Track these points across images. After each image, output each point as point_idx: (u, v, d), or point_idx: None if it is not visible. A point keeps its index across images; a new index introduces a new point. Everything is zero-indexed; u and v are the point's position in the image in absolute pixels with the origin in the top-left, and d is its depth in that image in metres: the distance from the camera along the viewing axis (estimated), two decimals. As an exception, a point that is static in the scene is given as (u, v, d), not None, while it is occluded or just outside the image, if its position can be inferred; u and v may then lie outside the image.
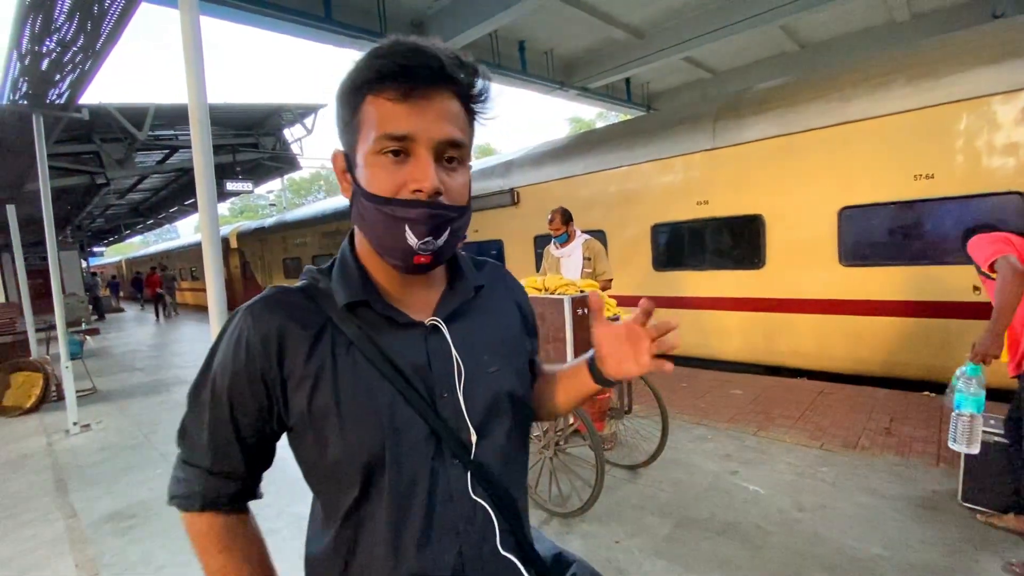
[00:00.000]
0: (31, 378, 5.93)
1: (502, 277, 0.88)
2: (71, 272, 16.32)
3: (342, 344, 0.69)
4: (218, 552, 0.73)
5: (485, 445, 0.73)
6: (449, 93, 0.63)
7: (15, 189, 8.42)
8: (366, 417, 0.66)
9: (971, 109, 3.79)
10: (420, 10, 7.33)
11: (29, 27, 3.38)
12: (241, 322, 0.69)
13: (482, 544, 0.71)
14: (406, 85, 0.60)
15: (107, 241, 29.55)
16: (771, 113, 4.81)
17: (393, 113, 0.61)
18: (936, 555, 2.26)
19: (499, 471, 0.74)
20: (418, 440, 0.68)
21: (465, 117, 0.66)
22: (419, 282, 0.74)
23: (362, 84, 0.63)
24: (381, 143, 0.62)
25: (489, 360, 0.75)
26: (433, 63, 0.61)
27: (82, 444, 4.62)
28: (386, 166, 0.62)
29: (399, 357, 0.69)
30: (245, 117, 10.17)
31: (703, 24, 8.01)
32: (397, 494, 0.67)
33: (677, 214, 5.52)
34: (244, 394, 0.68)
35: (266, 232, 15.01)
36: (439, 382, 0.71)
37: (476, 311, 0.78)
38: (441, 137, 0.62)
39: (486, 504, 0.72)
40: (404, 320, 0.71)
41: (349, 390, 0.67)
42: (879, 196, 4.25)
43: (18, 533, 3.07)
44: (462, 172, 0.67)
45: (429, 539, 0.68)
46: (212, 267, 1.91)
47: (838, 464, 3.15)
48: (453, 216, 0.65)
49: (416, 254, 0.65)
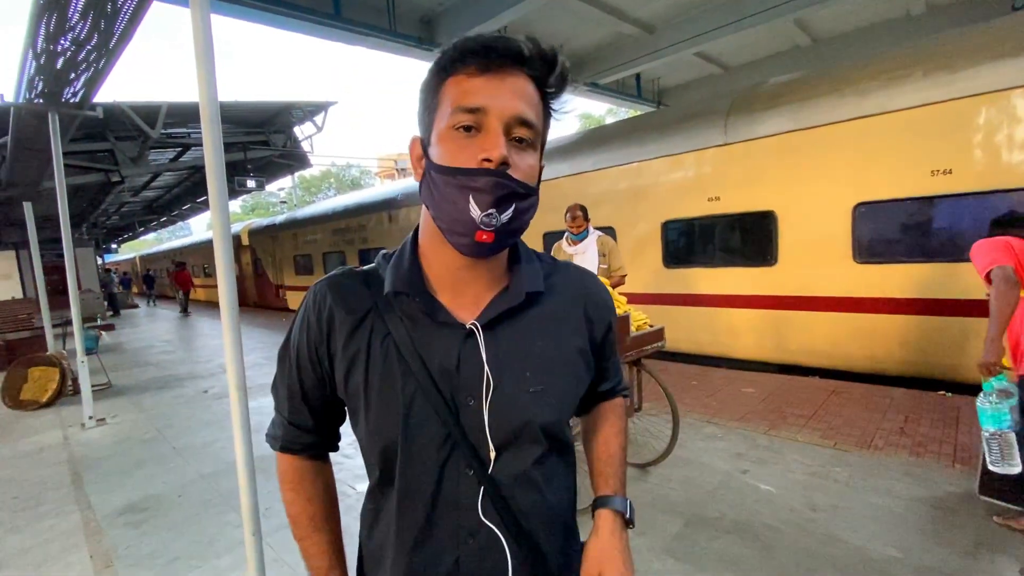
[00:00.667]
0: (48, 373, 6.03)
1: (577, 284, 0.79)
2: (87, 269, 16.56)
3: (380, 331, 0.71)
4: (289, 489, 0.81)
5: (505, 467, 0.69)
6: (526, 76, 0.64)
7: (32, 187, 8.54)
8: (387, 407, 0.69)
9: (990, 103, 3.71)
10: (430, 7, 7.31)
11: (44, 26, 3.42)
12: (307, 299, 0.76)
13: (482, 563, 0.69)
14: (484, 60, 0.62)
15: (121, 238, 29.96)
16: (784, 108, 4.75)
17: (470, 87, 0.62)
18: (952, 557, 2.22)
19: (520, 499, 0.70)
20: (431, 441, 0.68)
21: (540, 103, 0.66)
22: (476, 278, 0.71)
23: (446, 65, 0.64)
24: (456, 117, 0.62)
25: (532, 378, 0.70)
26: (512, 45, 0.62)
27: (97, 438, 4.69)
28: (457, 139, 0.63)
29: (430, 355, 0.69)
30: (256, 115, 10.23)
31: (714, 18, 7.91)
32: (405, 488, 0.70)
33: (688, 211, 5.47)
34: (305, 364, 0.75)
35: (277, 229, 15.13)
36: (465, 389, 0.69)
37: (530, 320, 0.72)
38: (513, 112, 0.62)
39: (495, 528, 0.69)
40: (443, 318, 0.70)
41: (377, 377, 0.69)
42: (895, 192, 4.18)
43: (35, 525, 3.12)
44: (531, 154, 0.65)
45: (428, 540, 0.70)
46: (223, 264, 1.92)
47: (852, 464, 3.11)
48: (519, 191, 0.63)
49: (479, 229, 0.63)
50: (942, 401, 3.98)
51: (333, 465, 0.88)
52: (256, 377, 6.46)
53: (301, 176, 38.17)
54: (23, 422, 5.38)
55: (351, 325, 0.72)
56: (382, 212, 10.47)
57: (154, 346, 10.09)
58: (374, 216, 10.72)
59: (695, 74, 11.56)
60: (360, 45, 7.25)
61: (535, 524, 0.72)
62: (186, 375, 7.14)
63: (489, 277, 0.72)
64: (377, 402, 0.69)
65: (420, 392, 0.68)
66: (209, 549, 2.70)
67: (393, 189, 10.96)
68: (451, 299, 0.72)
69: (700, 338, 5.54)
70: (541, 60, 0.64)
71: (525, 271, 0.74)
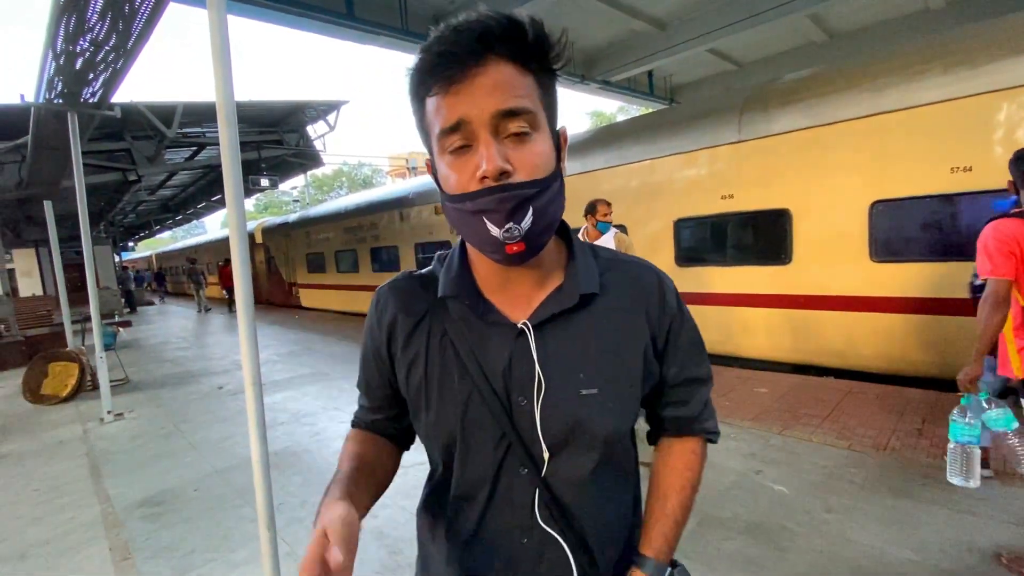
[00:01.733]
0: (67, 368, 6.16)
1: (636, 283, 0.74)
2: (104, 266, 16.86)
3: (437, 332, 0.72)
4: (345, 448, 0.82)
5: (559, 470, 0.69)
6: (499, 60, 0.57)
7: (52, 186, 8.72)
8: (446, 405, 0.70)
9: (1012, 99, 3.63)
10: (442, 5, 7.32)
11: (63, 27, 3.48)
12: (372, 304, 0.80)
13: (538, 565, 0.70)
14: (446, 73, 0.57)
15: (138, 236, 30.45)
16: (799, 104, 4.69)
17: (444, 104, 0.58)
18: (971, 561, 2.19)
19: (575, 507, 0.70)
20: (487, 440, 0.69)
21: (528, 79, 0.60)
22: (525, 277, 0.70)
23: (415, 90, 0.61)
24: (443, 142, 0.60)
25: (586, 379, 0.68)
26: (469, 37, 0.56)
27: (115, 432, 4.78)
28: (453, 164, 0.60)
29: (484, 355, 0.69)
30: (269, 114, 10.35)
31: (728, 15, 7.82)
32: (462, 483, 0.71)
33: (701, 209, 5.42)
34: (371, 363, 0.80)
35: (290, 227, 15.26)
36: (517, 388, 0.68)
37: (585, 321, 0.70)
38: (493, 109, 0.57)
39: (550, 531, 0.69)
40: (493, 318, 0.70)
41: (436, 377, 0.71)
42: (914, 190, 4.10)
43: (56, 517, 3.19)
44: (535, 140, 0.60)
45: (483, 536, 0.72)
46: (239, 262, 1.94)
47: (867, 465, 3.07)
48: (528, 193, 0.59)
49: (505, 244, 0.60)
50: (961, 402, 3.91)
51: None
52: (270, 374, 6.54)
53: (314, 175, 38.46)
54: (44, 416, 5.50)
55: (410, 327, 0.74)
56: (394, 210, 10.52)
57: (170, 342, 10.25)
58: (386, 214, 10.78)
59: (708, 71, 11.44)
60: (372, 44, 7.28)
61: (591, 535, 0.71)
62: (201, 371, 7.24)
63: (539, 274, 0.71)
64: (437, 400, 0.71)
65: (476, 391, 0.68)
66: (224, 543, 2.74)
67: (404, 187, 11.01)
68: (502, 299, 0.71)
69: (713, 337, 5.49)
70: (507, 36, 0.58)
71: (580, 270, 0.71)
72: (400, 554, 2.51)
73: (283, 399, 5.42)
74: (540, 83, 0.61)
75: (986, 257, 2.11)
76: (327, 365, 6.98)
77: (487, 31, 0.56)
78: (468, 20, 0.57)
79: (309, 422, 4.67)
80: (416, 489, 0.86)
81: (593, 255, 0.76)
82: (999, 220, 2.12)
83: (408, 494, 3.08)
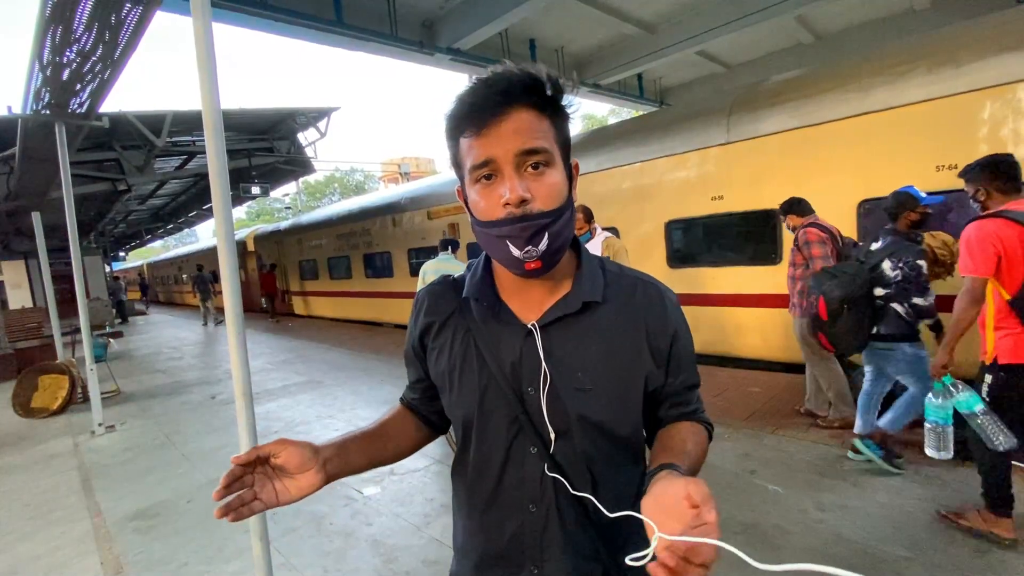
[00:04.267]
0: (58, 380, 6.09)
1: (637, 295, 0.83)
2: (95, 277, 16.71)
3: (461, 328, 0.85)
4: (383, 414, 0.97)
5: (565, 450, 0.78)
6: (522, 109, 0.70)
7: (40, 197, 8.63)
8: (465, 391, 0.82)
9: (995, 97, 3.68)
10: (431, 11, 7.35)
11: (50, 38, 3.46)
12: (413, 303, 0.94)
13: (544, 532, 0.79)
14: (478, 121, 0.70)
15: (129, 246, 30.21)
16: (787, 105, 4.73)
17: (475, 145, 0.71)
18: (964, 556, 2.20)
19: (583, 477, 0.78)
20: (501, 421, 0.80)
21: (545, 123, 0.72)
22: (538, 284, 0.81)
23: (451, 131, 0.74)
24: (474, 174, 0.72)
25: (583, 378, 0.78)
26: (495, 91, 0.69)
27: (107, 444, 4.73)
28: (481, 192, 0.73)
29: (498, 350, 0.80)
30: (260, 122, 10.31)
31: (715, 17, 7.90)
32: (479, 457, 0.83)
33: (691, 210, 5.45)
34: (410, 352, 0.95)
35: (282, 235, 15.20)
36: (526, 380, 0.79)
37: (586, 326, 0.79)
38: (516, 149, 0.69)
39: (555, 502, 0.79)
40: (506, 318, 0.81)
41: (458, 365, 0.83)
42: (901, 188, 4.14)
43: (47, 531, 3.15)
44: (550, 174, 0.72)
45: (496, 504, 0.83)
46: (228, 271, 1.93)
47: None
48: (545, 222, 0.71)
49: (524, 262, 0.72)
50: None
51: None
52: (264, 383, 6.50)
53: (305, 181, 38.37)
54: (34, 430, 5.43)
55: (439, 324, 0.88)
56: (386, 216, 10.50)
57: (162, 352, 10.16)
58: (378, 220, 10.76)
59: (697, 73, 11.55)
60: (362, 51, 7.30)
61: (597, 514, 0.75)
62: (193, 381, 7.19)
63: (551, 284, 0.81)
64: (458, 386, 0.83)
65: (492, 381, 0.80)
66: (218, 555, 2.71)
67: (397, 193, 11.00)
68: (517, 303, 0.82)
69: (705, 338, 5.51)
70: (527, 89, 0.70)
71: (586, 280, 0.81)
72: (395, 562, 2.49)
73: (277, 408, 5.39)
74: (555, 125, 0.73)
75: (968, 255, 2.24)
76: (321, 373, 6.94)
77: (511, 86, 0.69)
78: (496, 75, 0.71)
79: (303, 431, 4.64)
80: (411, 496, 0.89)
81: (602, 267, 0.86)
82: (982, 220, 2.25)
83: (403, 501, 3.08)
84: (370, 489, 3.23)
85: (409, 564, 2.47)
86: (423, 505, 2.94)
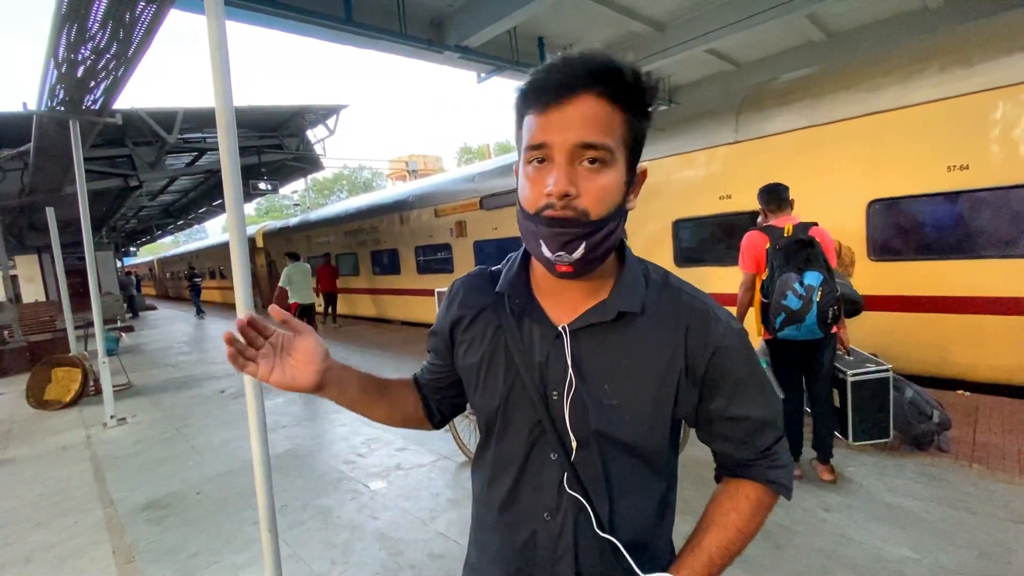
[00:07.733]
0: (70, 373, 6.19)
1: (681, 310, 0.75)
2: (107, 272, 16.91)
3: (493, 323, 0.82)
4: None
5: (586, 461, 0.75)
6: (593, 97, 0.63)
7: (54, 192, 8.77)
8: (491, 387, 0.80)
9: (1009, 96, 3.65)
10: (439, 9, 7.35)
11: (65, 36, 3.51)
12: (447, 291, 0.91)
13: (558, 542, 0.76)
14: (545, 97, 0.64)
15: (140, 242, 30.53)
16: (796, 104, 4.70)
17: (536, 124, 0.65)
18: (968, 557, 2.20)
19: (599, 500, 0.75)
20: (523, 423, 0.78)
21: (615, 117, 0.65)
22: (575, 286, 0.76)
23: (519, 106, 0.69)
24: (528, 154, 0.67)
25: (610, 391, 0.73)
26: (569, 71, 0.63)
27: (118, 437, 4.80)
28: (530, 174, 0.68)
29: (527, 348, 0.77)
30: (269, 119, 10.38)
31: (726, 15, 7.84)
32: (499, 454, 0.81)
33: (699, 209, 5.44)
34: (436, 338, 0.91)
35: (291, 231, 15.30)
36: (551, 383, 0.75)
37: (619, 337, 0.74)
38: (574, 141, 0.63)
39: (572, 514, 0.75)
40: (537, 317, 0.78)
41: (487, 360, 0.81)
42: (911, 188, 4.12)
43: (60, 520, 3.21)
44: (607, 174, 0.65)
45: (512, 507, 0.80)
46: (239, 266, 1.96)
47: (866, 464, 3.08)
48: (584, 231, 0.65)
49: (556, 264, 0.68)
50: (961, 401, 3.91)
51: (350, 464, 0.93)
52: (271, 377, 6.55)
53: (314, 178, 38.59)
54: (47, 421, 5.53)
55: (472, 316, 0.84)
56: (394, 214, 10.55)
57: (172, 347, 10.28)
58: (386, 217, 10.80)
59: (706, 71, 11.47)
60: (371, 48, 7.32)
61: (614, 513, 0.76)
62: (203, 375, 7.27)
63: (589, 287, 0.76)
64: (485, 380, 0.81)
65: (519, 380, 0.77)
66: (227, 545, 2.76)
67: (404, 191, 11.03)
68: (551, 303, 0.78)
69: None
70: (604, 75, 0.63)
71: (624, 289, 0.75)
72: (401, 555, 2.52)
73: (284, 403, 5.44)
74: (627, 122, 0.66)
75: (740, 256, 3.01)
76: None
77: (587, 68, 0.63)
78: (574, 56, 0.65)
79: (310, 425, 4.69)
80: (417, 491, 0.90)
81: (645, 275, 0.79)
82: (750, 232, 3.02)
83: (409, 496, 3.11)
84: (377, 484, 3.26)
85: (415, 557, 2.50)
86: (429, 500, 2.97)
